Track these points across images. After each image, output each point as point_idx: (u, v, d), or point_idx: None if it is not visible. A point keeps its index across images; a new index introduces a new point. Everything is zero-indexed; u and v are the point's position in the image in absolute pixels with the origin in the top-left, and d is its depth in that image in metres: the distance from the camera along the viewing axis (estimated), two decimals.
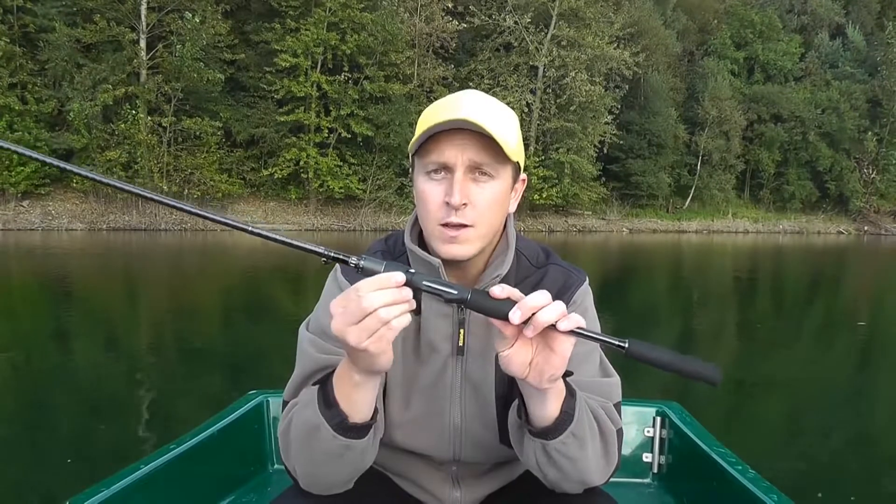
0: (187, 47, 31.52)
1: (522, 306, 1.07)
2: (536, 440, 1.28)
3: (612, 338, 1.08)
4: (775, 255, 29.44)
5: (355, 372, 1.16)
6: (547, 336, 1.11)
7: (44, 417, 5.15)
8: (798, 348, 8.98)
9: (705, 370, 1.10)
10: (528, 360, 1.14)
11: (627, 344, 1.07)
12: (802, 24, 57.13)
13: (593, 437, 1.32)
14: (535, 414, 1.26)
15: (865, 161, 53.23)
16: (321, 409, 1.20)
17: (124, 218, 31.76)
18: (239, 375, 6.57)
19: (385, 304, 1.05)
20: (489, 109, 1.35)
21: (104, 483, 1.80)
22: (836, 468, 4.55)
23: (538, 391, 1.20)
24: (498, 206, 1.40)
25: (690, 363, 1.10)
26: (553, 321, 1.07)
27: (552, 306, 1.08)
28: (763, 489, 1.89)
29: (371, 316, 1.05)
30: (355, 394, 1.19)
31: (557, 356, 1.13)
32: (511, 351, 1.14)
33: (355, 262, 1.09)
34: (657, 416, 2.51)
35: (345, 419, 1.20)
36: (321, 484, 1.33)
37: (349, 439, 1.21)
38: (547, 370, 1.14)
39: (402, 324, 1.08)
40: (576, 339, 1.11)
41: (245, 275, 16.14)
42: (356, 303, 1.06)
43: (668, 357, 1.08)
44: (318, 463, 1.27)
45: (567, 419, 1.25)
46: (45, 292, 12.55)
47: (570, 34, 40.43)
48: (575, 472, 1.32)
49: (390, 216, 36.68)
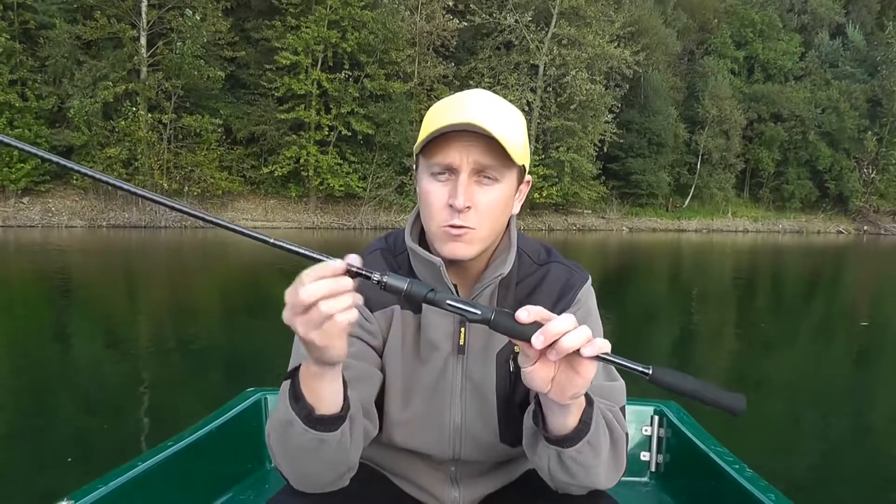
0: (188, 44, 31.51)
1: (546, 332, 1.04)
2: (552, 447, 1.25)
3: (635, 363, 1.05)
4: (775, 255, 29.44)
5: (311, 363, 1.13)
6: (571, 358, 1.08)
7: (43, 413, 5.16)
8: (798, 348, 8.97)
9: (729, 400, 1.07)
10: (550, 377, 1.11)
11: (651, 371, 1.05)
12: (802, 23, 57.16)
13: (606, 444, 1.30)
14: (553, 423, 1.23)
15: (865, 161, 53.28)
16: (291, 403, 1.18)
17: (124, 215, 31.76)
18: (239, 372, 6.56)
19: (323, 295, 1.01)
20: (497, 112, 1.34)
21: (102, 480, 1.80)
22: (836, 468, 4.55)
23: (559, 405, 1.18)
24: (501, 210, 1.39)
25: (713, 391, 1.07)
26: (576, 348, 1.05)
27: (576, 332, 1.05)
28: (761, 488, 1.89)
29: (314, 308, 1.01)
30: (315, 385, 1.16)
31: (581, 378, 1.10)
32: (533, 368, 1.11)
33: (377, 278, 1.07)
34: (655, 414, 2.52)
35: (312, 411, 1.17)
36: (308, 482, 1.30)
37: (319, 432, 1.18)
38: (570, 389, 1.11)
39: (348, 319, 1.04)
40: (599, 362, 1.08)
41: (245, 272, 16.13)
42: (294, 294, 1.02)
43: (692, 385, 1.06)
44: (296, 459, 1.25)
45: (585, 428, 1.23)
46: (44, 289, 12.55)
47: (570, 33, 40.43)
48: (586, 479, 1.30)
49: (390, 214, 36.68)
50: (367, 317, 1.47)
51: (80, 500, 1.68)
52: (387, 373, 1.49)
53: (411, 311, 1.49)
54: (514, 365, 1.48)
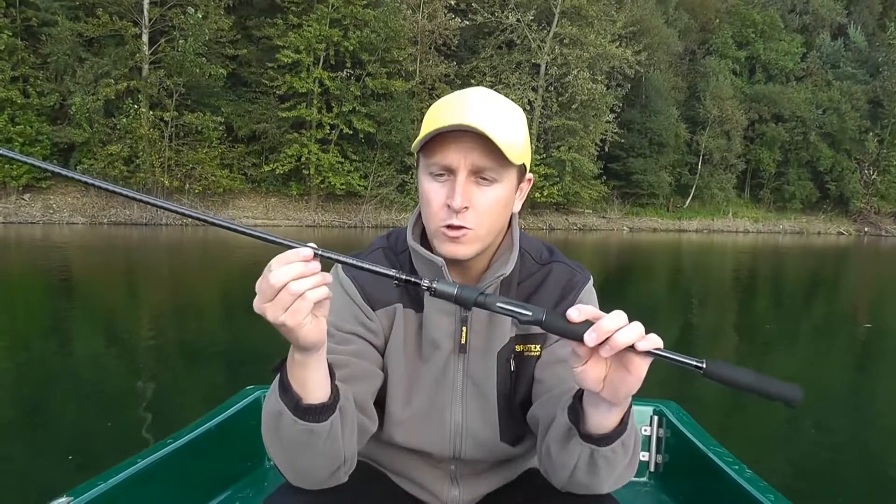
0: (189, 42, 31.47)
1: (598, 329, 1.03)
2: (586, 445, 1.23)
3: (689, 358, 1.04)
4: (776, 255, 29.42)
5: (294, 351, 1.14)
6: (622, 356, 1.07)
7: (42, 409, 5.16)
8: (799, 349, 8.96)
9: (786, 390, 1.04)
10: (602, 376, 1.10)
11: (705, 364, 1.03)
12: (804, 23, 57.10)
13: (632, 444, 1.28)
14: (594, 421, 1.21)
15: (866, 162, 53.23)
16: (280, 395, 1.19)
17: (125, 212, 31.77)
18: (238, 370, 6.57)
19: (292, 278, 1.03)
20: (497, 112, 1.34)
21: (101, 477, 1.81)
22: (836, 469, 4.54)
23: (609, 404, 1.16)
24: (500, 210, 1.39)
25: (770, 383, 1.04)
26: (631, 343, 1.03)
27: (630, 328, 1.04)
28: (760, 489, 1.89)
29: (283, 290, 1.03)
30: (300, 373, 1.16)
31: (633, 377, 1.09)
32: (585, 367, 1.10)
33: (427, 284, 1.08)
34: (654, 415, 2.52)
35: (300, 400, 1.17)
36: (304, 477, 1.30)
37: (308, 423, 1.18)
38: (622, 389, 1.10)
39: (318, 295, 1.06)
40: (651, 358, 1.07)
41: (245, 269, 16.11)
42: (264, 280, 1.04)
43: (748, 378, 1.04)
44: (288, 453, 1.25)
45: (623, 428, 1.22)
46: (45, 286, 12.56)
47: (572, 32, 40.40)
48: (608, 478, 1.29)
49: (391, 213, 36.69)
50: (369, 315, 1.48)
51: (78, 498, 1.68)
52: (389, 371, 1.49)
53: (413, 310, 1.49)
54: (514, 364, 1.49)
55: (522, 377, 1.49)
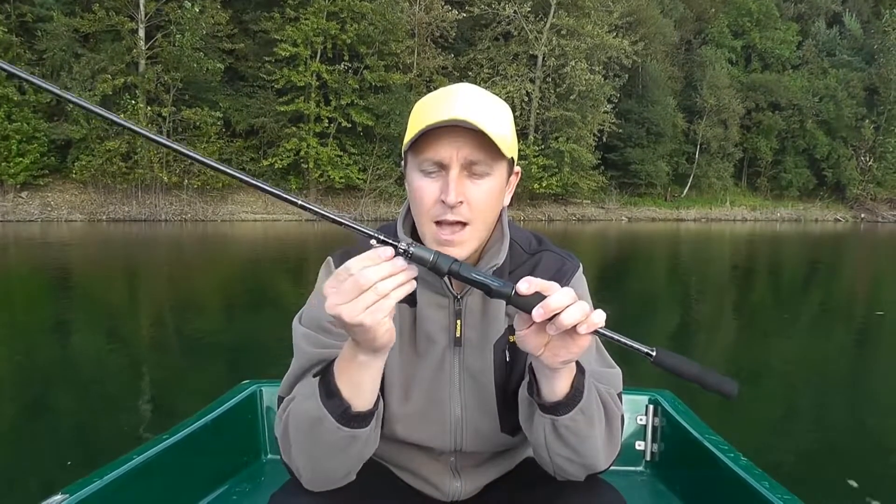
0: (186, 37, 31.44)
1: (546, 306, 1.06)
2: (546, 416, 1.27)
3: (640, 344, 1.08)
4: (773, 243, 29.43)
5: (360, 352, 1.15)
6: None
7: (41, 405, 5.17)
8: (797, 337, 8.91)
9: (723, 384, 1.11)
10: (544, 342, 1.14)
11: (655, 352, 1.08)
12: (799, 12, 57.14)
13: (600, 417, 1.32)
14: (545, 389, 1.25)
15: (862, 149, 53.35)
16: (323, 401, 1.19)
17: (124, 209, 31.77)
18: (235, 364, 6.59)
19: (382, 277, 1.04)
20: (484, 106, 1.34)
21: (98, 473, 1.81)
22: (831, 456, 4.55)
23: (550, 369, 1.20)
24: (493, 203, 1.39)
25: (710, 376, 1.11)
26: (574, 324, 1.07)
27: (575, 307, 1.07)
28: (756, 476, 1.90)
29: (370, 290, 1.04)
30: (359, 376, 1.18)
31: (576, 345, 1.13)
32: (528, 331, 1.14)
33: (404, 248, 1.08)
34: (650, 404, 2.52)
35: (348, 408, 1.19)
36: (324, 479, 1.32)
37: (353, 429, 1.20)
38: (562, 354, 1.14)
39: (405, 292, 1.08)
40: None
41: (244, 265, 16.14)
42: (350, 281, 1.05)
43: (692, 369, 1.10)
44: (321, 457, 1.26)
45: (577, 395, 1.25)
46: (43, 283, 12.55)
47: (569, 23, 40.38)
48: (583, 451, 1.32)
49: (390, 206, 36.65)
50: None
51: (74, 494, 1.68)
52: (385, 367, 1.49)
53: (407, 304, 1.49)
54: (510, 355, 1.49)
55: (517, 367, 1.50)
